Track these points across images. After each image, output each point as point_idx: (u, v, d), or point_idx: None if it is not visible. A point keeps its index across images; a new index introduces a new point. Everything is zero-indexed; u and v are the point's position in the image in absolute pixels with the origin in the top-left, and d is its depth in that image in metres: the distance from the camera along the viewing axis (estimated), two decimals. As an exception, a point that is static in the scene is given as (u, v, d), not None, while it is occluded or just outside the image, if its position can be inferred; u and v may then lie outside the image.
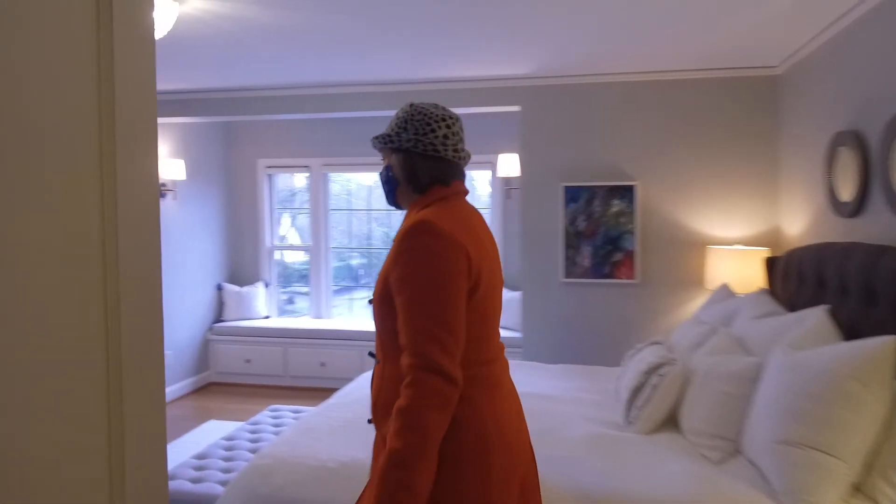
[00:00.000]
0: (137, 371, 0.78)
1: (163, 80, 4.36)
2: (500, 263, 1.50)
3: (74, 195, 0.70)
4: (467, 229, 1.37)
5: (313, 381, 5.69)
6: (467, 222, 1.40)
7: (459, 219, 1.38)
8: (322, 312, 6.17)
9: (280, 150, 6.14)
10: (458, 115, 1.55)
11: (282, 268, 6.45)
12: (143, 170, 0.81)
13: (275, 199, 6.31)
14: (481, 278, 1.35)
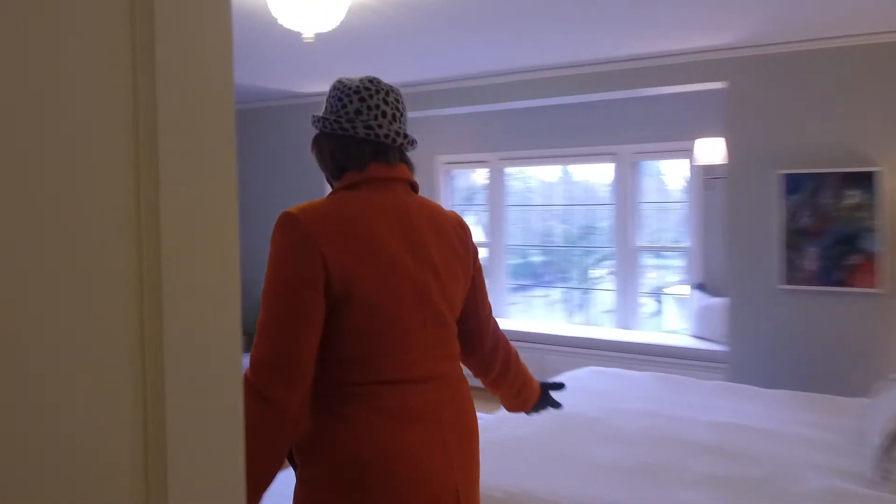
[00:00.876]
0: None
1: (344, 79, 4.43)
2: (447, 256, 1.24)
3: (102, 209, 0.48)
4: (354, 224, 1.15)
5: (489, 383, 5.50)
6: (364, 215, 1.17)
7: (353, 212, 1.17)
8: (499, 311, 5.96)
9: (458, 146, 6.04)
10: (391, 88, 1.28)
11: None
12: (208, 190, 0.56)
13: (453, 196, 6.23)
14: (356, 285, 1.12)
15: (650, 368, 4.70)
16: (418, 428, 1.17)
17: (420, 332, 1.19)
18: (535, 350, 5.27)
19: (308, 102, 5.11)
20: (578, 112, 5.40)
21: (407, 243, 1.19)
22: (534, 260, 6.11)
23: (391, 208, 1.21)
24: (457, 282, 1.27)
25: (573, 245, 5.77)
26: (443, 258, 1.24)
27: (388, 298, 1.16)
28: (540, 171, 5.90)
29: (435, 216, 1.27)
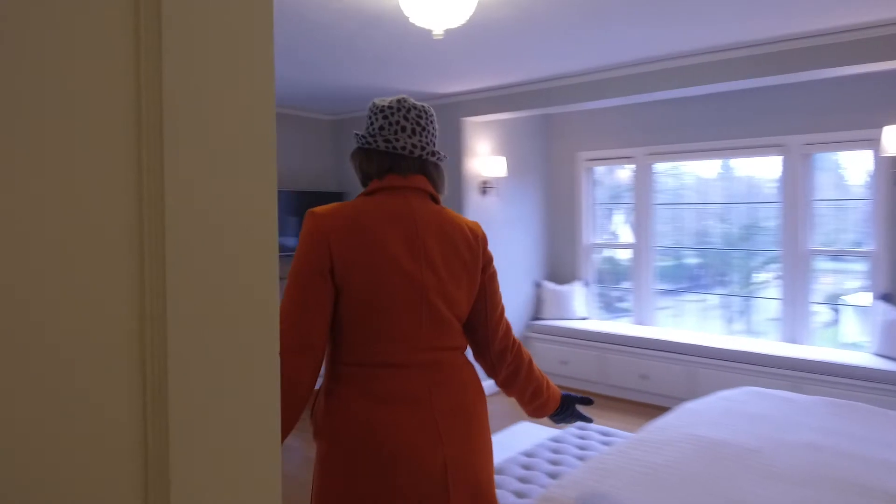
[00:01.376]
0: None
1: (479, 76, 4.35)
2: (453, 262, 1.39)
3: None
4: (361, 223, 1.32)
5: (632, 393, 5.17)
6: (372, 217, 1.33)
7: (362, 213, 1.34)
8: (644, 317, 5.58)
9: (601, 141, 5.74)
10: (414, 105, 1.41)
11: (611, 265, 6.05)
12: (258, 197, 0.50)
13: (595, 194, 5.94)
14: (353, 276, 1.30)
15: (821, 391, 4.13)
16: (406, 408, 1.30)
17: (414, 324, 1.33)
18: (685, 363, 4.85)
19: (449, 102, 5.11)
20: (738, 100, 4.89)
21: (408, 245, 1.34)
22: (688, 262, 5.64)
23: (399, 213, 1.36)
24: (459, 285, 1.41)
25: (733, 247, 5.25)
26: (445, 262, 1.38)
27: (381, 291, 1.31)
28: (695, 166, 5.43)
29: (444, 224, 1.41)
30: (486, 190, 5.21)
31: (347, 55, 3.74)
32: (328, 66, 4.00)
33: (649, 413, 4.82)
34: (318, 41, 3.45)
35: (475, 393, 1.43)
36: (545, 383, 1.59)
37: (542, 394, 1.57)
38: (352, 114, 5.83)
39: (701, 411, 2.64)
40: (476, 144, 5.13)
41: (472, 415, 1.39)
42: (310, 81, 4.47)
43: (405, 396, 1.31)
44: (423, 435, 1.30)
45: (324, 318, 1.30)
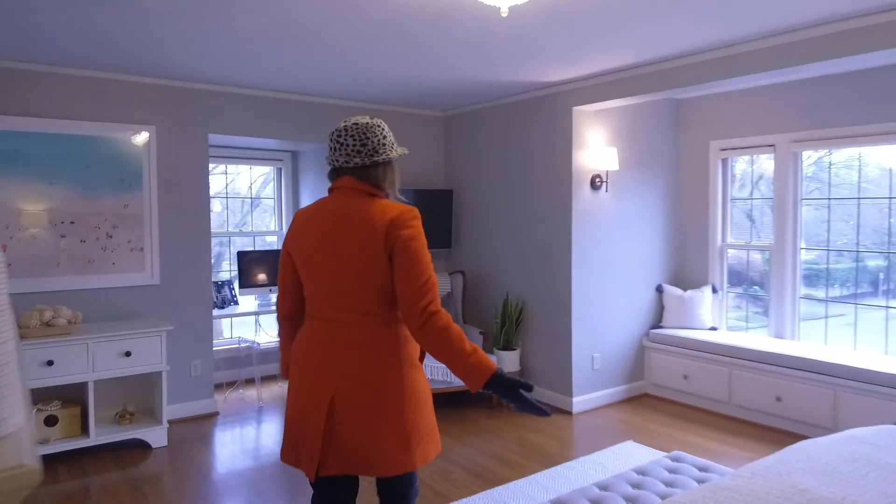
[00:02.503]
0: None
1: (587, 60, 3.98)
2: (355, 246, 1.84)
3: None
4: (309, 216, 1.96)
5: (764, 416, 4.51)
6: (319, 211, 1.94)
7: (310, 210, 1.98)
8: (783, 330, 4.85)
9: (737, 128, 5.06)
10: (342, 127, 1.91)
11: (746, 268, 5.36)
12: None
13: (732, 186, 5.26)
14: (294, 257, 1.97)
15: None
16: (319, 346, 1.90)
17: (324, 291, 1.89)
18: (830, 386, 4.13)
19: (558, 91, 4.77)
20: (910, 73, 4.04)
21: (325, 232, 1.88)
22: (839, 267, 4.81)
23: (325, 208, 1.92)
24: (368, 265, 1.82)
25: None
26: (351, 244, 1.84)
27: (307, 267, 1.92)
28: (856, 153, 4.59)
29: (358, 214, 1.85)
30: (598, 184, 4.80)
31: (455, 48, 3.57)
32: (441, 60, 3.87)
33: (782, 441, 4.16)
34: (433, 37, 3.33)
35: (378, 347, 1.87)
36: (460, 360, 1.78)
37: (454, 368, 1.79)
38: (462, 108, 5.68)
39: (816, 454, 2.13)
40: (587, 135, 4.74)
41: (364, 353, 1.86)
42: (419, 77, 4.38)
43: (319, 336, 1.91)
44: (322, 360, 1.88)
45: (290, 282, 2.03)
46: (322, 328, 1.91)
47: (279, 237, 5.96)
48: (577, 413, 4.78)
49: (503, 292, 5.34)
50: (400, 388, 1.87)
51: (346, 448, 1.83)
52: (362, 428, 1.83)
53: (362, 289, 1.84)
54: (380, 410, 1.84)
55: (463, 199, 5.76)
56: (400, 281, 1.82)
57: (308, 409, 1.87)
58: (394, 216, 1.84)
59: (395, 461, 1.85)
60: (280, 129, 5.02)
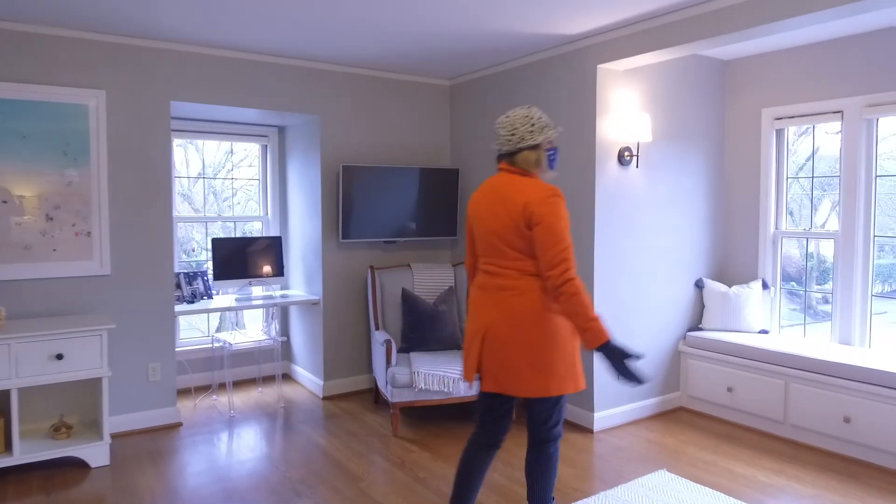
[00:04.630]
0: None
1: (616, 3, 3.22)
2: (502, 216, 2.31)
3: None
4: (479, 192, 2.46)
5: (828, 440, 3.70)
6: (485, 187, 2.44)
7: (484, 185, 2.46)
8: (852, 336, 4.02)
9: (796, 93, 4.23)
10: (500, 120, 2.40)
11: (807, 261, 4.54)
12: None
13: (785, 164, 4.44)
14: (472, 222, 2.47)
15: None
16: (480, 291, 2.41)
17: (488, 248, 2.39)
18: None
19: (581, 47, 4.01)
20: None
21: (489, 204, 2.38)
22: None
23: (491, 184, 2.43)
24: (510, 229, 2.29)
25: None
26: (502, 214, 2.31)
27: (477, 229, 2.45)
28: (940, 121, 3.74)
29: (509, 190, 2.32)
30: (627, 159, 4.03)
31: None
32: (443, 4, 3.16)
33: (851, 471, 3.37)
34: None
35: (522, 295, 2.28)
36: (581, 324, 2.19)
37: (576, 327, 2.22)
38: (469, 75, 4.94)
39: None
40: (614, 100, 3.97)
41: (511, 303, 2.29)
42: (419, 29, 3.67)
43: (479, 285, 2.42)
44: (483, 305, 2.38)
45: (474, 253, 2.54)
46: (483, 278, 2.41)
47: (266, 224, 5.32)
48: (598, 431, 4.03)
49: (515, 287, 4.61)
50: (537, 328, 2.26)
51: (495, 371, 2.32)
52: (507, 356, 2.28)
53: (509, 249, 2.30)
54: (520, 344, 2.27)
55: (470, 179, 5.03)
56: (538, 250, 2.23)
57: (470, 336, 2.40)
58: (532, 195, 2.25)
59: (532, 387, 2.28)
60: (262, 98, 4.35)
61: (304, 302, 4.73)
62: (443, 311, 4.42)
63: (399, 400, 3.89)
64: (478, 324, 2.37)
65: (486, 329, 2.33)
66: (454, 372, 3.93)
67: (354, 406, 4.54)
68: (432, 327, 4.37)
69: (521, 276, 2.29)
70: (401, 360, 4.08)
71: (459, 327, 4.54)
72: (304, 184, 4.91)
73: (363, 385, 4.90)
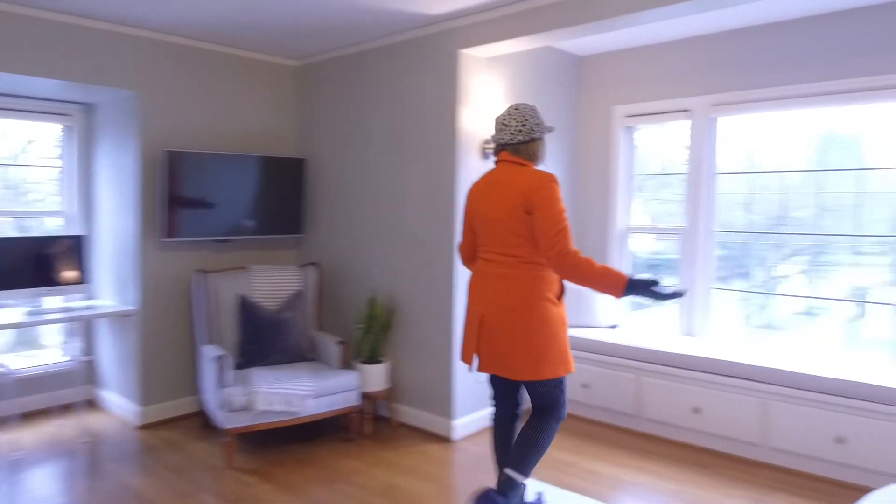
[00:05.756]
0: None
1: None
2: (504, 203, 2.43)
3: None
4: (478, 182, 2.59)
5: (681, 432, 3.77)
6: (485, 178, 2.57)
7: (481, 180, 2.59)
8: (695, 327, 4.16)
9: (647, 90, 4.30)
10: (507, 112, 2.52)
11: (654, 255, 4.63)
12: None
13: (634, 161, 4.51)
14: (472, 212, 2.59)
15: None
16: (478, 278, 2.55)
17: (488, 236, 2.51)
18: (758, 394, 3.43)
19: (441, 30, 3.72)
20: (843, 24, 3.43)
21: (490, 193, 2.50)
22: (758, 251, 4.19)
23: (491, 175, 2.55)
24: (512, 216, 2.41)
25: (823, 231, 3.78)
26: (503, 203, 2.43)
27: (477, 218, 2.55)
28: (773, 118, 3.96)
29: (509, 179, 2.45)
30: (488, 151, 3.82)
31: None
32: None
33: (705, 462, 3.43)
34: None
35: (517, 279, 2.42)
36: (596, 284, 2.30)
37: (595, 289, 2.33)
38: (319, 55, 4.48)
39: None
40: (476, 89, 3.74)
41: (510, 289, 2.42)
42: (267, 8, 3.13)
43: (482, 272, 2.54)
44: (481, 292, 2.51)
45: (469, 242, 2.66)
46: (483, 265, 2.56)
47: (69, 221, 4.42)
48: (458, 440, 3.78)
49: (369, 290, 4.23)
50: (532, 315, 2.39)
51: (492, 355, 2.48)
52: (502, 341, 2.43)
53: (510, 236, 2.44)
54: (514, 329, 2.40)
55: (319, 171, 4.57)
56: (539, 231, 2.35)
57: (469, 322, 2.56)
58: (532, 182, 2.39)
59: (525, 371, 2.40)
60: (59, 66, 3.55)
61: (116, 314, 3.97)
62: (287, 319, 3.92)
63: (235, 425, 3.34)
64: (476, 309, 2.52)
65: (484, 314, 2.47)
66: (301, 388, 3.46)
67: (178, 434, 3.87)
68: (275, 338, 3.85)
69: (521, 263, 2.43)
70: (237, 379, 3.53)
71: (308, 336, 4.06)
72: (116, 172, 4.13)
73: (190, 408, 4.22)
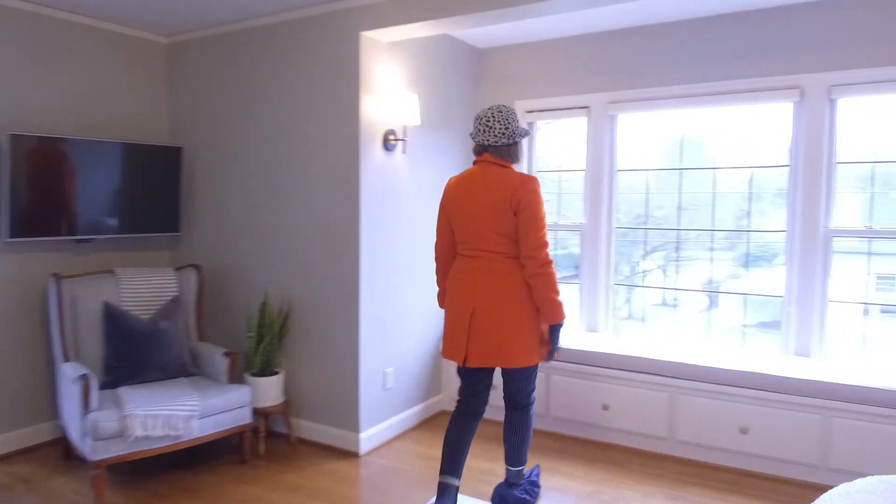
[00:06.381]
0: None
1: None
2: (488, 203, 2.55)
3: None
4: (458, 182, 2.67)
5: (590, 429, 3.75)
6: (465, 178, 2.65)
7: (459, 178, 2.69)
8: (597, 323, 4.18)
9: (546, 86, 4.26)
10: (487, 111, 2.62)
11: (559, 251, 4.57)
12: None
13: (535, 158, 4.46)
14: (452, 211, 2.67)
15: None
16: (465, 274, 2.63)
17: (470, 234, 2.61)
18: (665, 388, 3.47)
19: (342, 8, 3.42)
20: (735, 26, 3.56)
21: (471, 192, 2.61)
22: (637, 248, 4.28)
23: (471, 175, 2.65)
24: (496, 216, 2.54)
25: (704, 227, 3.93)
26: (487, 203, 2.56)
27: (457, 219, 2.65)
28: (674, 117, 4.05)
29: (493, 180, 2.57)
30: (392, 144, 3.57)
31: None
32: None
33: (615, 459, 3.41)
34: None
35: (503, 274, 2.56)
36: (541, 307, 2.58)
37: (541, 306, 2.57)
38: (197, 31, 3.99)
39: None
40: (379, 76, 3.48)
41: (498, 283, 2.56)
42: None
43: (466, 268, 2.63)
44: (467, 288, 2.60)
45: (447, 242, 2.76)
46: (468, 262, 2.63)
47: None
48: (366, 454, 3.50)
49: (260, 293, 3.82)
50: (521, 306, 2.56)
51: (485, 347, 2.56)
52: (497, 333, 2.54)
53: (495, 234, 2.56)
54: (509, 320, 2.54)
55: (199, 161, 4.08)
56: (522, 234, 2.52)
57: (457, 318, 2.62)
58: (518, 183, 2.53)
59: (519, 358, 2.57)
60: None
61: (-56, 329, 3.27)
62: (163, 329, 3.43)
63: (105, 456, 2.83)
64: (466, 304, 2.60)
65: (475, 309, 2.57)
66: (185, 407, 3.01)
67: (34, 469, 3.25)
68: (149, 352, 3.35)
69: (505, 259, 2.58)
70: (106, 401, 3.01)
71: (189, 347, 3.59)
72: (-60, 159, 3.41)
73: (47, 436, 3.59)
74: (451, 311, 2.65)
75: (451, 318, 2.65)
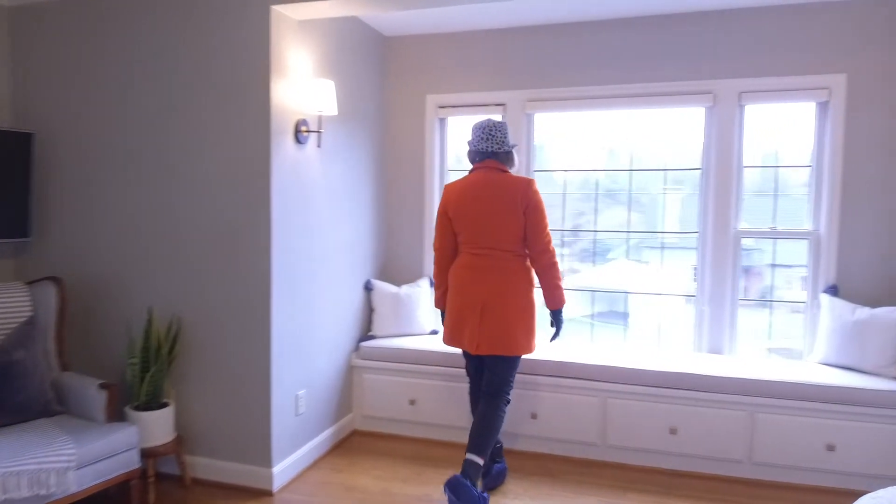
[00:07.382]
0: None
1: None
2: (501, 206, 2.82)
3: None
4: (462, 187, 2.91)
5: (523, 441, 3.59)
6: (472, 183, 2.89)
7: (461, 183, 2.93)
8: (517, 329, 4.04)
9: (460, 81, 4.04)
10: (487, 123, 2.91)
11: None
12: None
13: (446, 154, 4.23)
14: (457, 214, 2.90)
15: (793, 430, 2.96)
16: (473, 271, 2.87)
17: (477, 235, 2.86)
18: (598, 392, 3.41)
19: None
20: (652, 30, 3.60)
21: (481, 195, 2.85)
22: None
23: (477, 180, 2.89)
24: (506, 216, 2.82)
25: (622, 227, 3.95)
26: (499, 204, 2.82)
27: (467, 219, 2.87)
28: (588, 117, 4.01)
29: (499, 184, 2.84)
30: (304, 135, 3.15)
31: None
32: None
33: (549, 470, 3.28)
34: None
35: (510, 270, 2.84)
36: (548, 294, 2.91)
37: (546, 296, 2.91)
38: (45, -7, 3.26)
39: None
40: (290, 59, 3.04)
41: (506, 277, 2.83)
42: None
43: (472, 264, 2.88)
44: (474, 282, 2.85)
45: (450, 242, 2.99)
46: (475, 259, 2.87)
47: None
48: (279, 490, 3.06)
49: (141, 310, 3.21)
50: (527, 299, 2.87)
51: (494, 336, 2.82)
52: (507, 324, 2.81)
53: (503, 233, 2.83)
54: (516, 312, 2.83)
55: (56, 150, 3.34)
56: (532, 231, 2.83)
57: (465, 310, 2.86)
58: (525, 185, 2.83)
59: (521, 346, 2.85)
60: None
61: None
62: (17, 360, 2.74)
63: (-52, 534, 2.16)
64: (473, 299, 2.85)
65: (485, 303, 2.82)
66: (57, 458, 2.40)
67: None
68: (0, 391, 2.66)
69: (513, 257, 2.86)
70: (-56, 459, 2.31)
71: (52, 380, 2.91)
72: None
73: None
74: (457, 304, 2.89)
75: (457, 310, 2.89)
